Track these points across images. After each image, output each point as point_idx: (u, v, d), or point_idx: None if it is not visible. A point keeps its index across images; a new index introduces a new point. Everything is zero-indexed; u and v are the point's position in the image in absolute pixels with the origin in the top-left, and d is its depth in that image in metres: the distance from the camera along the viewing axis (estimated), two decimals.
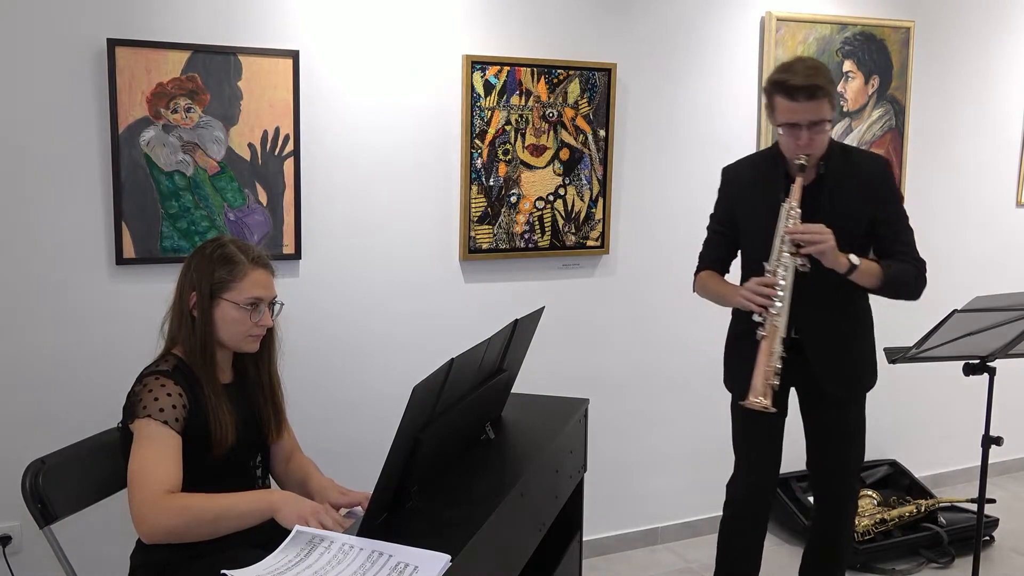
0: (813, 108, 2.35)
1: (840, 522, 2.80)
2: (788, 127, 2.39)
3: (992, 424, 2.61)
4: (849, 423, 2.68)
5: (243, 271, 2.00)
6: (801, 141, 2.38)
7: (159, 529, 1.81)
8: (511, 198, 3.25)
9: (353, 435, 3.02)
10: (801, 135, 2.37)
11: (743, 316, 2.57)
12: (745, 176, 2.64)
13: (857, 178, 2.49)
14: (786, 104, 2.37)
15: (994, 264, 4.33)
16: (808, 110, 2.35)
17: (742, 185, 2.63)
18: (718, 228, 2.71)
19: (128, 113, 2.67)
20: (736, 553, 2.83)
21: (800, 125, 2.37)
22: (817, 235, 2.35)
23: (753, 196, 2.59)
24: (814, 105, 2.35)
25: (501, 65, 3.17)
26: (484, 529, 1.74)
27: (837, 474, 2.74)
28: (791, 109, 2.36)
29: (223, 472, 1.99)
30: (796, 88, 2.34)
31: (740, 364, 2.61)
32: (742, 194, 2.63)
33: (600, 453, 3.29)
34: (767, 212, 2.48)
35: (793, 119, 2.37)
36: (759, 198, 2.56)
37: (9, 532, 2.66)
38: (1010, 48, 4.26)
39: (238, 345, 2.04)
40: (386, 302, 3.13)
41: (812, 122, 2.36)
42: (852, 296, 2.56)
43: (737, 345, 2.69)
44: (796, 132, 2.38)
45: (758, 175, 2.60)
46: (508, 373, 2.36)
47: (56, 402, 2.69)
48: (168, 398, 1.90)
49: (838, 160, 2.50)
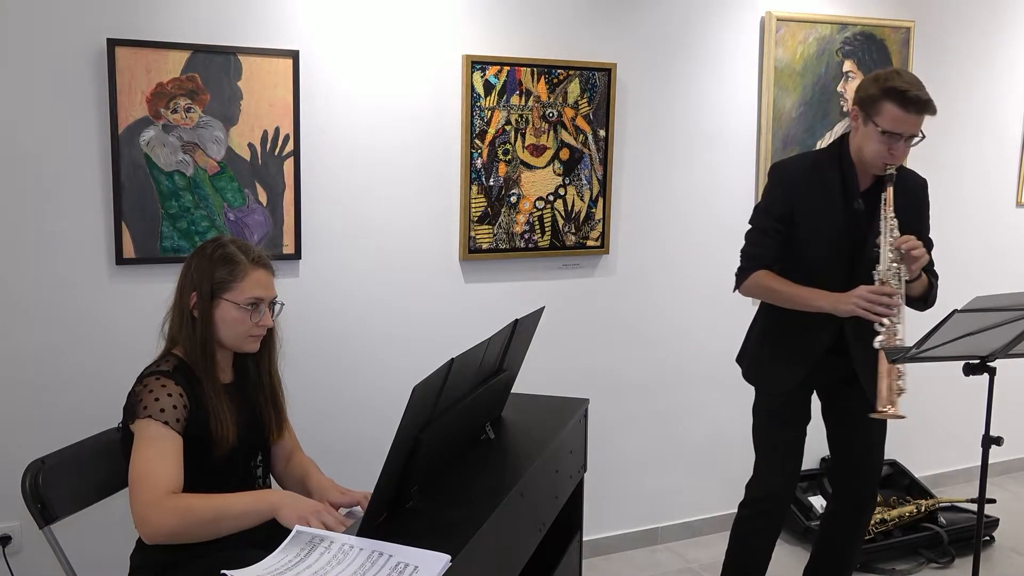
0: (919, 122, 2.42)
1: (858, 528, 2.83)
2: (889, 136, 2.41)
3: (992, 424, 2.60)
4: (875, 427, 2.71)
5: (244, 271, 2.00)
6: (898, 152, 2.43)
7: (161, 530, 1.81)
8: (511, 198, 3.25)
9: (353, 435, 3.02)
10: (899, 146, 2.42)
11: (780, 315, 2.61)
12: (807, 176, 2.60)
13: (906, 192, 2.54)
14: (897, 113, 2.39)
15: (994, 264, 4.33)
16: (915, 123, 2.41)
17: (803, 185, 2.59)
18: (775, 226, 2.61)
19: (128, 113, 2.67)
20: (749, 554, 2.83)
21: (901, 136, 2.41)
22: (922, 251, 2.42)
23: (816, 197, 2.57)
24: (920, 119, 2.42)
25: (501, 65, 3.17)
26: (484, 529, 1.74)
27: (865, 476, 2.76)
28: (901, 119, 2.39)
29: (223, 472, 1.99)
30: (913, 100, 2.37)
31: (773, 359, 2.67)
32: (803, 194, 2.58)
33: (600, 453, 3.29)
34: (832, 214, 2.52)
35: (899, 129, 2.40)
36: (822, 199, 2.56)
37: (9, 532, 2.66)
38: (1010, 48, 4.26)
39: (238, 345, 2.04)
40: (386, 302, 3.13)
41: (911, 135, 2.43)
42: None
43: (772, 340, 2.69)
44: (894, 142, 2.42)
45: (821, 176, 2.58)
46: (508, 373, 2.36)
47: (56, 402, 2.69)
48: (169, 398, 1.90)
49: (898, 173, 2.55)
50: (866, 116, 2.46)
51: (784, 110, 3.71)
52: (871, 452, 2.75)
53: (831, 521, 2.88)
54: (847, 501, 2.82)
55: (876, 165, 2.46)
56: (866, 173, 2.54)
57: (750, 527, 2.81)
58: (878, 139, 2.43)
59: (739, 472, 3.73)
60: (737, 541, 2.86)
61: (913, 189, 2.61)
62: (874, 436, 2.74)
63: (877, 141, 2.43)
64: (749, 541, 2.83)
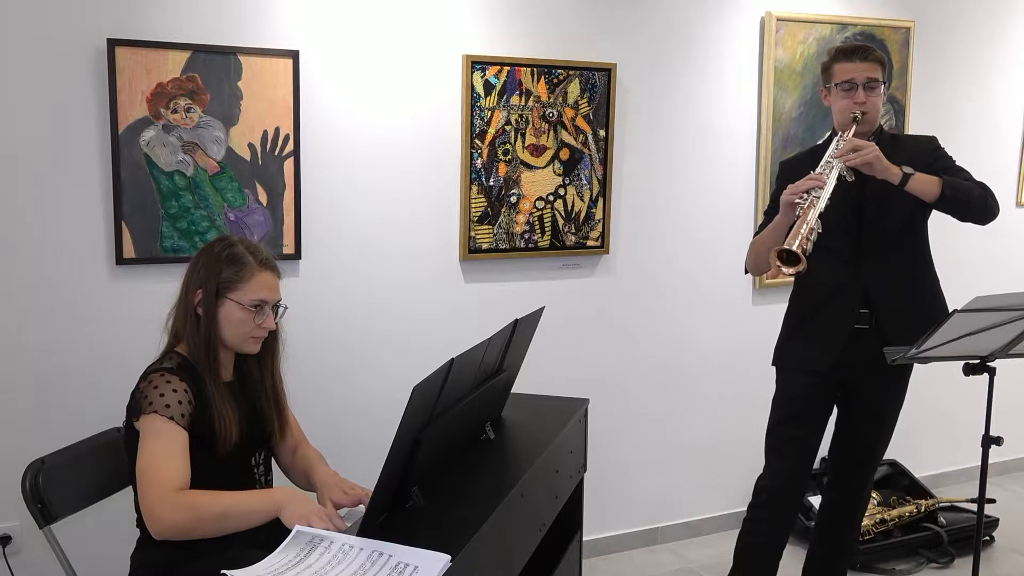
0: (868, 68, 2.58)
1: (854, 514, 2.88)
2: (846, 88, 2.58)
3: (992, 424, 2.60)
4: (887, 405, 2.76)
5: (251, 272, 2.01)
6: (858, 98, 2.57)
7: (169, 526, 1.81)
8: (511, 198, 3.25)
9: (353, 435, 3.02)
10: (858, 93, 2.57)
11: (809, 295, 2.69)
12: (799, 163, 2.73)
13: (905, 154, 2.59)
14: (844, 65, 2.60)
15: (994, 264, 4.33)
16: (865, 69, 2.58)
17: (796, 171, 2.66)
18: (773, 207, 2.68)
19: (128, 113, 2.67)
20: (756, 558, 2.84)
21: (856, 83, 2.57)
22: (861, 144, 2.46)
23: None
24: (869, 65, 2.58)
25: (501, 65, 3.17)
26: (484, 529, 1.74)
27: (862, 464, 2.82)
28: (849, 68, 2.59)
29: (224, 469, 1.99)
30: (853, 49, 2.61)
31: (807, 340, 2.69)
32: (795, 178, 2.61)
33: (600, 453, 3.29)
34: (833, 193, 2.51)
35: (850, 75, 2.58)
36: None
37: (9, 532, 2.66)
38: (1010, 48, 4.26)
39: (239, 346, 2.04)
40: (386, 302, 3.13)
41: (868, 79, 2.57)
42: (915, 251, 2.69)
43: (803, 322, 2.73)
44: (853, 92, 2.58)
45: (812, 160, 2.64)
46: (508, 373, 2.36)
47: (56, 402, 2.69)
48: (174, 394, 1.90)
49: (888, 141, 2.64)
50: (827, 86, 2.68)
51: (784, 110, 3.71)
52: (875, 439, 2.79)
53: (828, 511, 2.93)
54: (842, 491, 2.88)
55: (846, 120, 2.59)
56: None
57: (757, 528, 2.82)
58: (840, 96, 2.61)
59: (739, 472, 3.73)
60: (743, 544, 2.86)
61: (915, 147, 2.67)
62: (882, 434, 2.79)
63: (840, 98, 2.61)
64: (755, 544, 2.83)
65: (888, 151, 2.53)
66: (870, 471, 2.86)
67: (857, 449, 2.81)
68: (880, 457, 2.85)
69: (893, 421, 2.81)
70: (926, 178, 2.49)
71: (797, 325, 2.76)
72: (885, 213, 2.59)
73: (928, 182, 2.49)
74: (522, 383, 2.54)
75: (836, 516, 2.91)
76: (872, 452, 2.81)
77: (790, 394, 2.75)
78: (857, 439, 2.80)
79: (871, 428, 2.78)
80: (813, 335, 2.69)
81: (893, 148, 2.59)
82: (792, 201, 2.43)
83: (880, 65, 2.60)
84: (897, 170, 2.47)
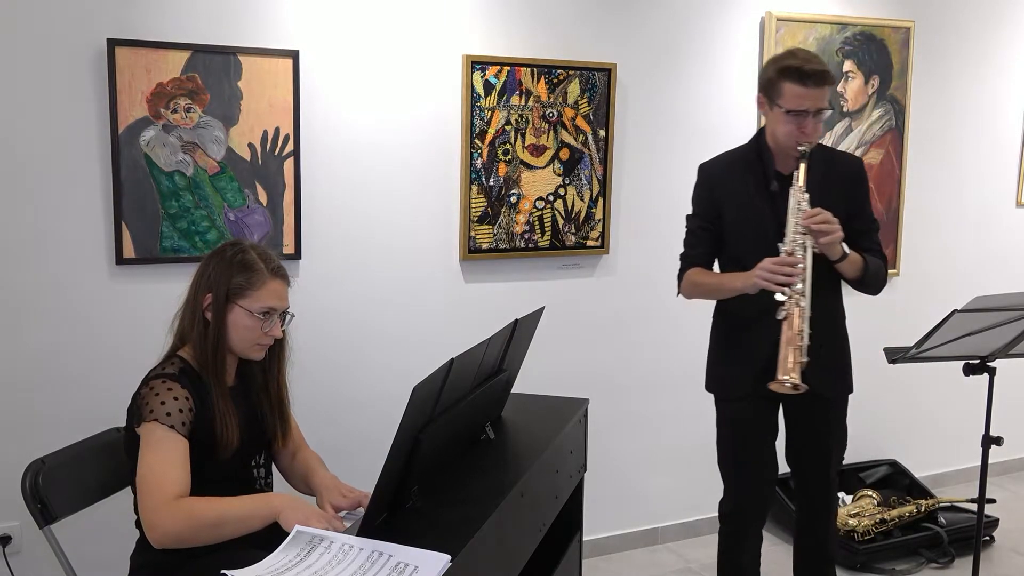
0: (821, 95, 2.37)
1: (825, 526, 2.77)
2: (795, 115, 2.38)
3: (992, 424, 2.61)
4: (831, 428, 2.66)
5: (261, 280, 2.00)
6: (808, 129, 2.38)
7: (168, 535, 1.82)
8: (511, 198, 3.25)
9: (353, 435, 3.02)
10: (807, 123, 2.38)
11: (731, 316, 2.59)
12: (728, 171, 2.60)
13: (836, 174, 2.52)
14: (797, 90, 2.36)
15: (994, 264, 4.33)
16: (818, 97, 2.37)
17: (725, 180, 2.59)
18: (703, 224, 2.62)
19: (128, 113, 2.67)
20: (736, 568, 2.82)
21: (808, 113, 2.38)
22: (831, 225, 2.34)
23: (738, 189, 2.56)
24: (822, 92, 2.37)
25: (501, 65, 3.17)
26: (484, 529, 1.74)
27: (818, 480, 2.71)
28: (802, 95, 2.36)
29: (224, 473, 1.99)
30: (809, 73, 2.35)
31: (731, 364, 2.63)
32: (726, 190, 2.58)
33: (600, 453, 3.29)
34: (758, 205, 2.48)
35: (803, 106, 2.37)
36: (744, 190, 2.54)
37: (9, 532, 2.66)
38: (1010, 48, 4.26)
39: (244, 352, 2.04)
40: (386, 302, 3.13)
41: (818, 109, 2.38)
42: (832, 292, 2.59)
43: (726, 346, 2.66)
44: (802, 120, 2.38)
45: (743, 169, 2.57)
46: (508, 373, 2.36)
47: (56, 402, 2.69)
48: (175, 402, 1.90)
49: (818, 155, 2.51)
50: (770, 101, 2.44)
51: None
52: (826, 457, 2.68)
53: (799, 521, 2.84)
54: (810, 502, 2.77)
55: (790, 146, 2.41)
56: (787, 157, 2.48)
57: (730, 544, 2.80)
58: (785, 120, 2.40)
59: None
60: (722, 555, 2.84)
61: (845, 172, 2.56)
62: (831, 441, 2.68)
63: (785, 122, 2.40)
64: (732, 556, 2.81)
65: (819, 161, 2.47)
66: (830, 478, 2.72)
67: (812, 463, 2.71)
68: (838, 462, 2.73)
69: (842, 427, 2.69)
70: (855, 261, 2.46)
71: (724, 348, 2.67)
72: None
73: (854, 265, 2.47)
74: (522, 383, 2.54)
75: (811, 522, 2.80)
76: (828, 460, 2.69)
77: (732, 421, 2.68)
78: (810, 452, 2.70)
79: (821, 438, 2.67)
80: (743, 355, 2.59)
81: (827, 165, 2.51)
82: (768, 288, 2.32)
83: (832, 88, 2.44)
84: (840, 249, 2.41)
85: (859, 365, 2.71)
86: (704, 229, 2.63)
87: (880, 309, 4.01)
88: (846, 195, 2.52)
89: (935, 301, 3.22)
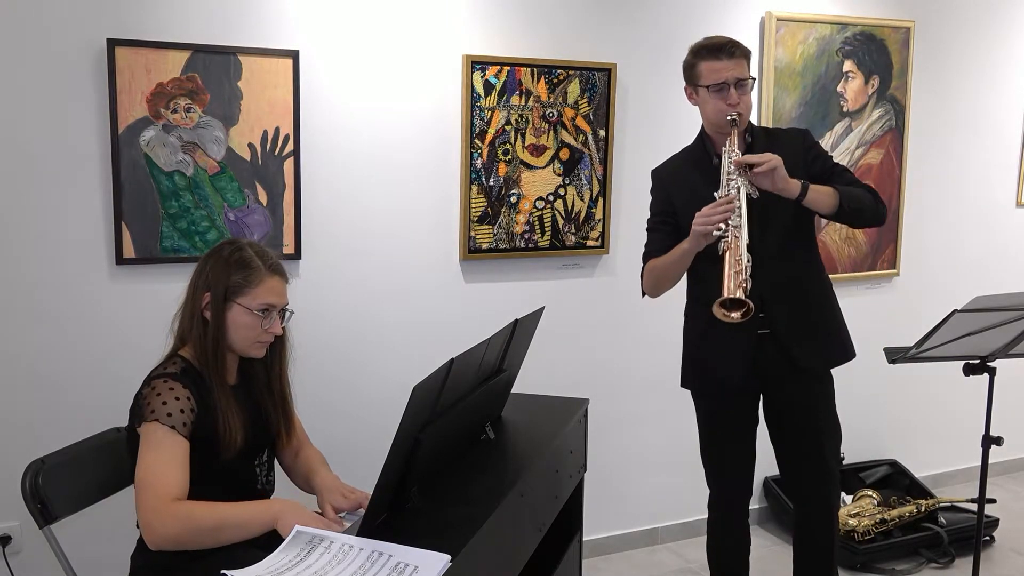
0: (738, 65, 2.46)
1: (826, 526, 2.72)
2: (716, 90, 2.46)
3: (992, 424, 2.61)
4: (818, 405, 2.62)
5: (259, 277, 2.00)
6: (732, 99, 2.45)
7: (165, 537, 1.81)
8: (511, 198, 3.25)
9: (353, 435, 3.02)
10: (731, 94, 2.45)
11: (701, 312, 2.55)
12: (677, 169, 2.65)
13: (783, 146, 2.51)
14: (712, 65, 2.46)
15: (994, 264, 4.33)
16: (734, 67, 2.46)
17: (676, 178, 2.62)
18: (660, 219, 2.64)
19: (128, 113, 2.67)
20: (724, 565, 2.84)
21: (727, 84, 2.45)
22: (763, 155, 2.37)
23: (688, 183, 2.58)
24: (738, 63, 2.47)
25: (501, 65, 3.17)
26: (484, 529, 1.74)
27: (812, 472, 2.66)
28: (717, 68, 2.46)
29: (227, 473, 1.99)
30: (719, 46, 2.47)
31: (705, 359, 2.64)
32: (678, 186, 2.61)
33: (600, 453, 3.29)
34: (704, 191, 2.48)
35: (721, 77, 2.45)
36: (692, 182, 2.56)
37: (9, 532, 2.66)
38: (1010, 48, 4.26)
39: (245, 350, 2.04)
40: (386, 302, 3.13)
41: (738, 79, 2.45)
42: (805, 253, 2.59)
43: (698, 342, 2.67)
44: (725, 93, 2.46)
45: (690, 164, 2.61)
46: (508, 373, 2.36)
47: (56, 402, 2.69)
48: (176, 402, 1.90)
49: (762, 137, 2.57)
50: (694, 86, 2.54)
51: (784, 110, 3.71)
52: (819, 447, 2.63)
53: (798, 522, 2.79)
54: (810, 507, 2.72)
55: (721, 122, 2.47)
56: (724, 137, 2.50)
57: (715, 530, 2.84)
58: (709, 97, 2.48)
59: None
60: (708, 541, 2.88)
61: (790, 143, 2.57)
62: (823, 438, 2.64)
63: (710, 100, 2.48)
64: (716, 541, 2.85)
65: (765, 146, 2.49)
66: (830, 478, 2.68)
67: (807, 464, 2.66)
68: (834, 460, 2.69)
69: (832, 422, 2.66)
70: (822, 190, 2.43)
71: (697, 343, 2.67)
72: (768, 224, 2.48)
73: (825, 194, 2.43)
74: (522, 383, 2.54)
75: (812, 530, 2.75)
76: (823, 459, 2.65)
77: (710, 416, 2.70)
78: (801, 452, 2.66)
79: (810, 436, 2.64)
80: (717, 348, 2.58)
81: (769, 143, 2.53)
82: (708, 232, 2.34)
83: (747, 60, 2.49)
84: (796, 183, 2.39)
85: (859, 365, 2.71)
86: (663, 223, 2.64)
87: (880, 309, 4.02)
88: (802, 163, 2.53)
89: (935, 301, 3.22)
